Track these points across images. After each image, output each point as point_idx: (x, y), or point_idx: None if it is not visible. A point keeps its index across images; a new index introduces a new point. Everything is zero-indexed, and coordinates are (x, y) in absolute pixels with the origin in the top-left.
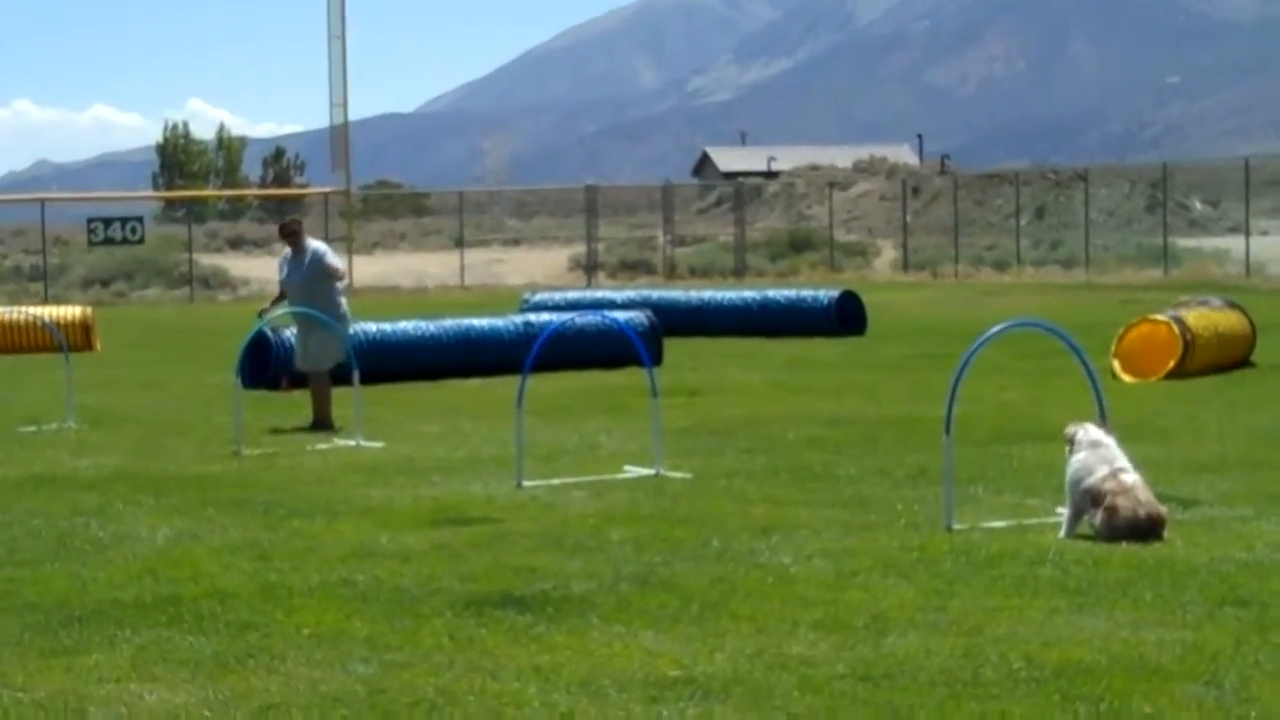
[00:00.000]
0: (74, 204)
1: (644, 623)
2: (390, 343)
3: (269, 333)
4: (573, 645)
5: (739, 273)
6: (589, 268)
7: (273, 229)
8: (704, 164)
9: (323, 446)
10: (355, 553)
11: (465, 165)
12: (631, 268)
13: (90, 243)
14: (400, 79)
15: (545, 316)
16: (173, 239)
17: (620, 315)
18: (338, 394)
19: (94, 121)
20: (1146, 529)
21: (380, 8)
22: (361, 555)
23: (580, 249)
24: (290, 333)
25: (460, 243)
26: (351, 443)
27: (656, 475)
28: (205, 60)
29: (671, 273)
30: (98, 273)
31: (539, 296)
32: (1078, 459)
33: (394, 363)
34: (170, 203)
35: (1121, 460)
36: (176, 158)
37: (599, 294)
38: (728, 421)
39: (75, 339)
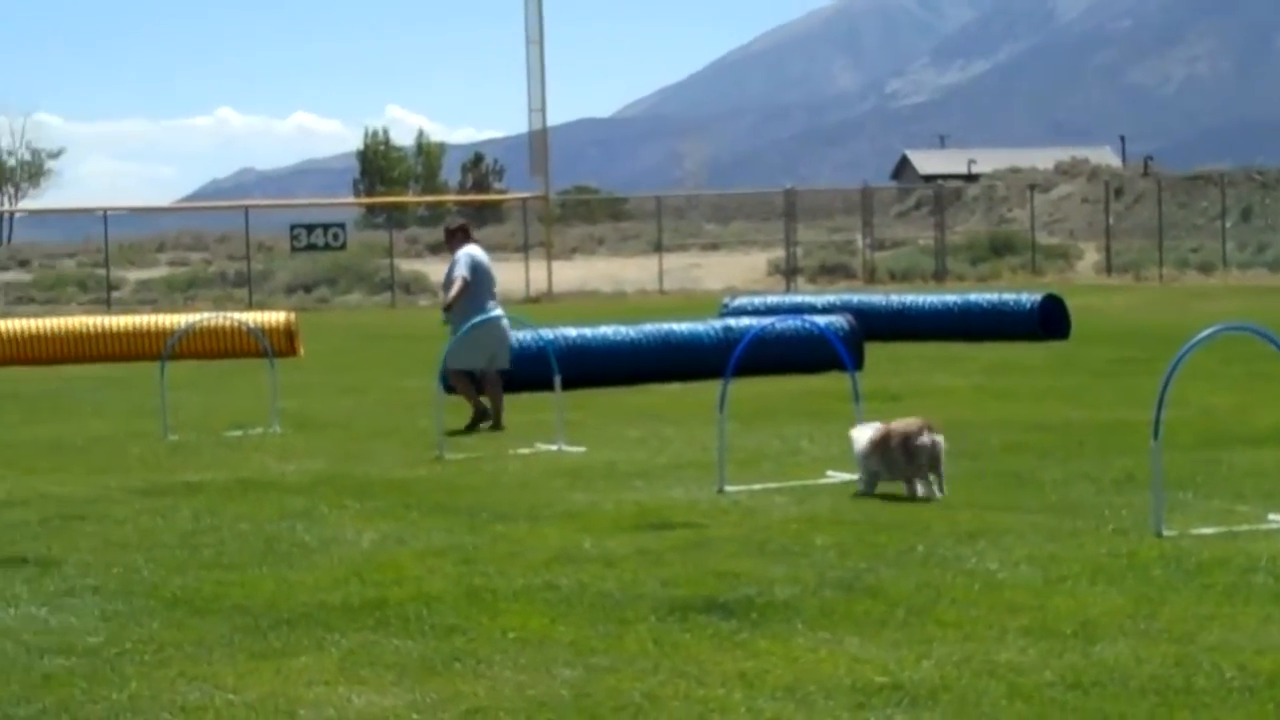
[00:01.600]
0: (277, 211)
1: (849, 629)
2: (590, 348)
3: None
4: (777, 651)
5: (939, 276)
6: (788, 272)
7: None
8: (903, 167)
9: (525, 451)
10: (559, 557)
11: (662, 169)
12: (830, 272)
13: (293, 249)
14: (597, 84)
15: (745, 321)
16: (374, 245)
17: (821, 319)
18: (539, 398)
19: (295, 129)
20: None
21: (578, 12)
22: (565, 560)
23: (779, 253)
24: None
25: (659, 247)
26: (554, 447)
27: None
28: (404, 67)
29: (871, 277)
30: (301, 278)
31: (738, 301)
32: None
33: (594, 367)
34: (371, 209)
35: None
36: (377, 164)
37: (799, 298)
38: None
39: (279, 344)
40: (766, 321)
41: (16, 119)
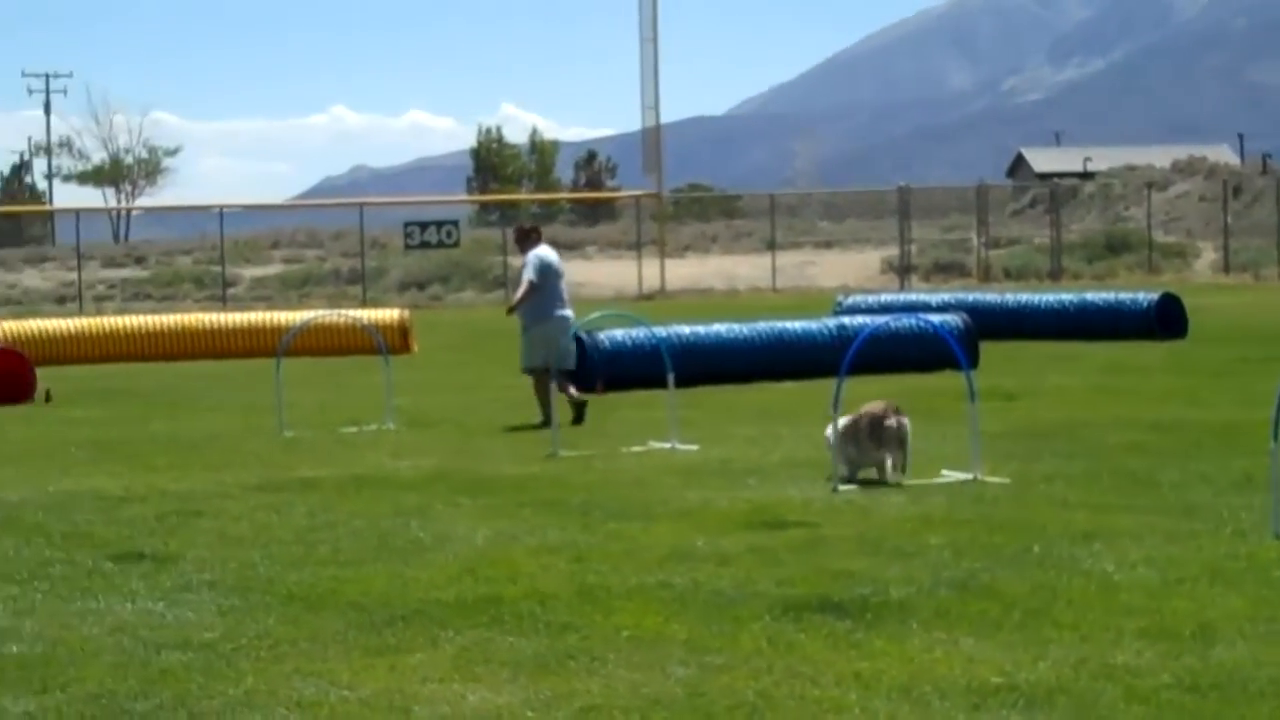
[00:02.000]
0: (391, 208)
1: (964, 629)
2: (703, 345)
3: (584, 336)
4: (892, 651)
5: (1054, 275)
6: (902, 270)
7: (586, 232)
8: (1018, 165)
9: (638, 449)
10: (672, 555)
11: (774, 167)
12: (945, 270)
13: (407, 246)
14: (710, 82)
15: (859, 319)
16: (487, 242)
17: (935, 318)
18: (653, 396)
19: (409, 127)
20: None
21: (692, 10)
22: (679, 558)
23: (892, 251)
24: (604, 336)
25: (772, 245)
26: (667, 445)
27: (974, 480)
28: (517, 65)
29: (986, 275)
30: (414, 275)
31: (852, 299)
32: None
33: (707, 365)
34: (484, 206)
35: None
36: (490, 162)
37: (913, 296)
38: (1046, 425)
39: (393, 341)
40: (881, 320)
41: (135, 118)
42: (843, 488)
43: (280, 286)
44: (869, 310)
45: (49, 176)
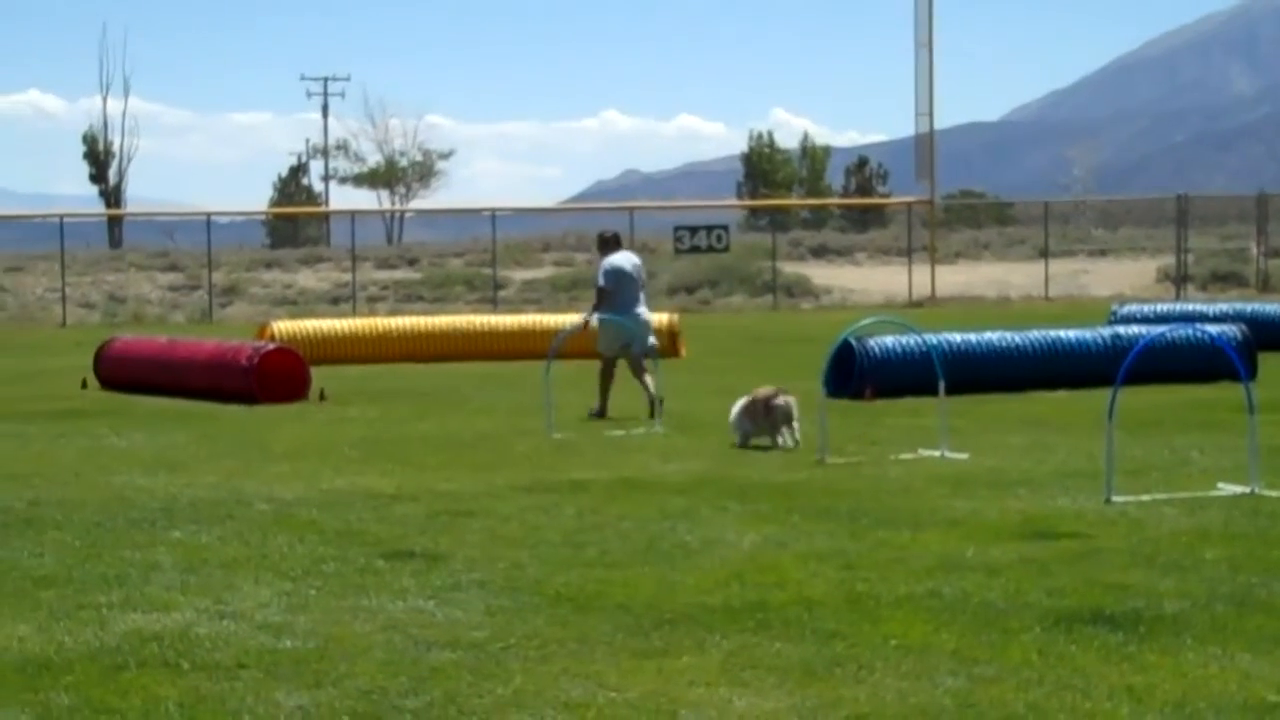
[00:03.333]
0: (661, 212)
1: (1241, 645)
2: (975, 353)
3: (853, 342)
4: (1166, 666)
5: None
6: (1178, 279)
7: (856, 238)
8: None
9: (907, 456)
10: (941, 565)
11: (1049, 174)
12: (1222, 279)
13: (676, 250)
14: (985, 87)
15: (1135, 329)
16: (756, 247)
17: (1213, 328)
18: (922, 403)
19: (679, 131)
20: None
21: (968, 16)
22: (948, 567)
23: (1169, 260)
24: (874, 343)
25: (1045, 253)
26: (936, 453)
27: (1252, 493)
28: (789, 70)
29: (1265, 285)
30: (684, 280)
31: (1128, 308)
32: None
33: (979, 373)
34: (754, 211)
35: None
36: (761, 167)
37: (1189, 306)
38: None
39: (662, 345)
40: (1158, 330)
41: (409, 121)
42: (1117, 499)
43: (550, 289)
44: (1144, 320)
45: (325, 179)
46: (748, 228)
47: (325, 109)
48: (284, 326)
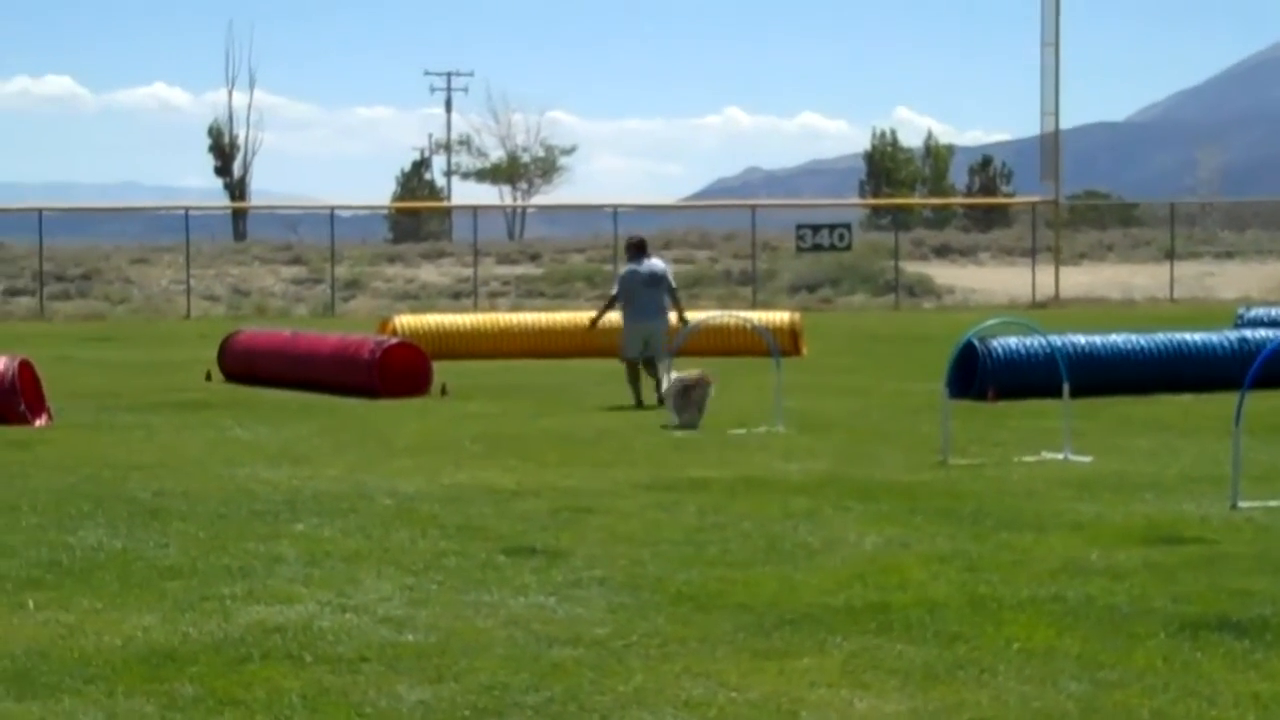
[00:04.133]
0: (783, 210)
1: None
2: (1099, 355)
3: (976, 343)
4: None
5: None
6: None
7: (980, 238)
8: None
9: (1030, 459)
10: (1065, 568)
11: (1176, 175)
12: None
13: (798, 249)
14: (1112, 86)
15: (1262, 333)
16: (879, 246)
17: None
18: (1046, 405)
19: (802, 129)
20: None
21: (1095, 15)
22: (1072, 571)
23: None
24: (997, 344)
25: (1170, 255)
26: (1060, 456)
27: None
28: (912, 68)
29: None
30: (805, 278)
31: (1255, 311)
32: None
33: (1103, 375)
34: (876, 210)
35: None
36: (883, 165)
37: None
38: None
39: (783, 344)
40: None
41: (532, 116)
42: (1243, 504)
43: None
44: (1271, 323)
45: (448, 174)
46: (870, 226)
47: (449, 104)
48: (406, 321)
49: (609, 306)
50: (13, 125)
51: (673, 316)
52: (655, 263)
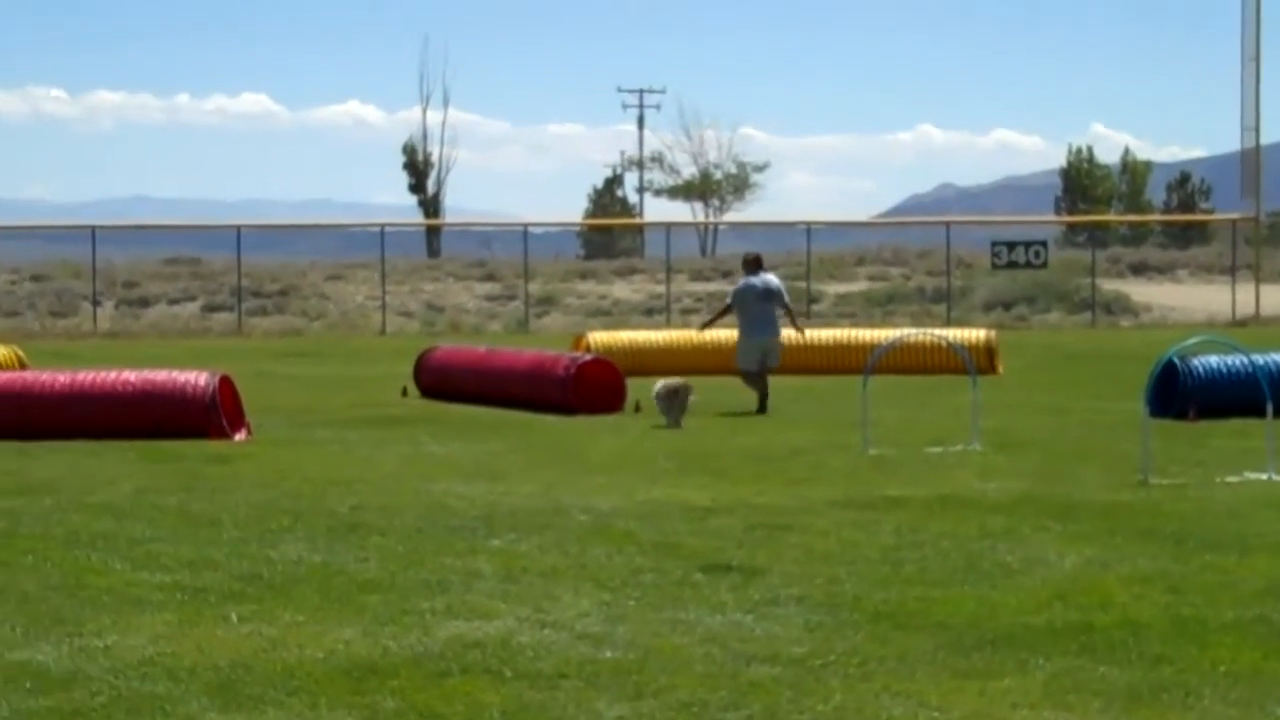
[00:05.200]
0: (977, 227)
1: None
2: None
3: (1177, 361)
4: None
5: None
6: None
7: (1178, 255)
8: None
9: (1233, 479)
10: (1271, 590)
11: None
12: None
13: (993, 266)
14: None
15: None
16: (1074, 263)
17: None
18: (1249, 425)
19: (995, 145)
20: None
21: None
22: (1278, 593)
23: None
24: (1198, 362)
25: None
26: (1264, 476)
27: None
28: (1108, 83)
29: None
30: (1000, 296)
31: None
32: None
33: None
34: (1072, 227)
35: None
36: (1079, 181)
37: None
38: None
39: (978, 361)
40: None
41: (724, 133)
42: None
43: (864, 304)
44: None
45: (640, 190)
46: (1065, 243)
47: (641, 121)
48: (600, 337)
49: (721, 314)
50: (210, 143)
51: (791, 332)
52: (770, 278)
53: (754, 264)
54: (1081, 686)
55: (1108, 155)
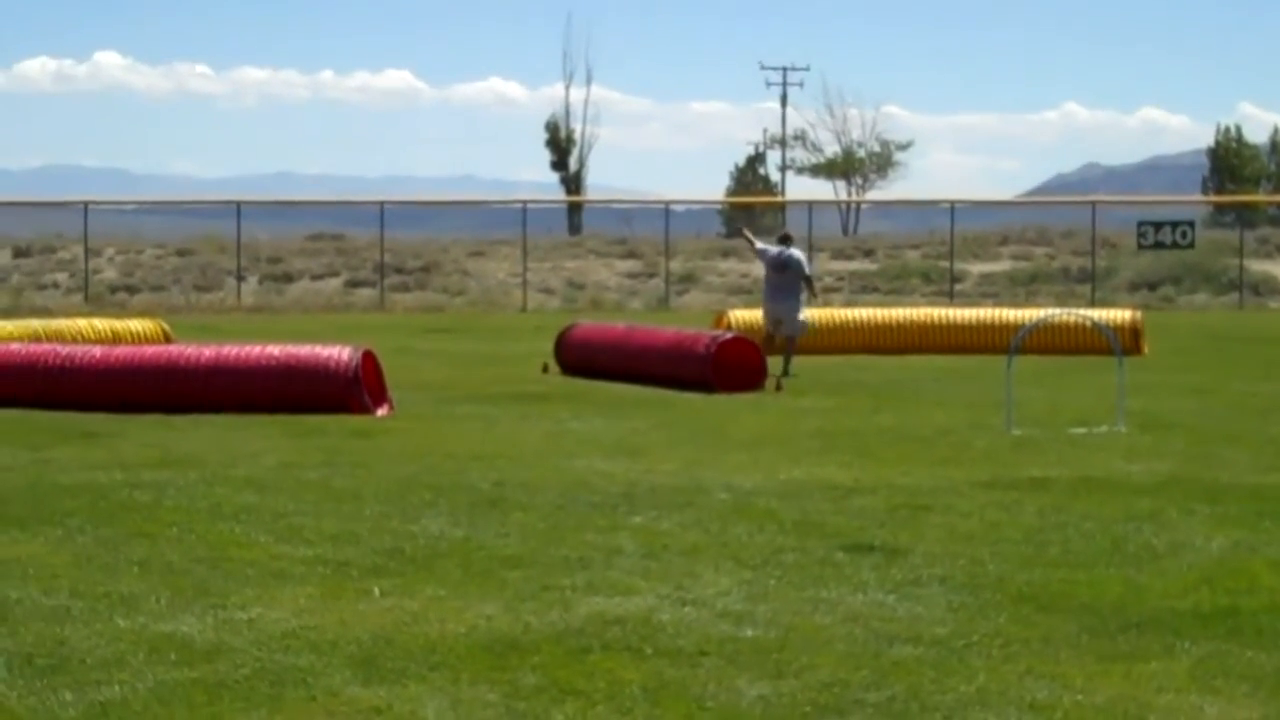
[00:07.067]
0: (1123, 207)
1: None
2: None
3: None
4: None
5: None
6: None
7: None
8: None
9: None
10: None
11: None
12: None
13: (1139, 246)
14: None
15: None
16: (1222, 244)
17: None
18: None
19: (1142, 124)
20: None
21: None
22: None
23: None
24: None
25: None
26: None
27: None
28: (1257, 61)
29: None
30: (1145, 276)
31: None
32: None
33: None
34: (1219, 207)
35: None
36: (1228, 161)
37: None
38: None
39: (1124, 342)
40: None
41: (868, 111)
42: None
43: (1007, 283)
44: None
45: (782, 168)
46: (1212, 223)
47: (784, 98)
48: (741, 315)
49: (753, 246)
50: (353, 119)
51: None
52: (793, 251)
53: (783, 240)
54: (1228, 671)
55: (1256, 135)
